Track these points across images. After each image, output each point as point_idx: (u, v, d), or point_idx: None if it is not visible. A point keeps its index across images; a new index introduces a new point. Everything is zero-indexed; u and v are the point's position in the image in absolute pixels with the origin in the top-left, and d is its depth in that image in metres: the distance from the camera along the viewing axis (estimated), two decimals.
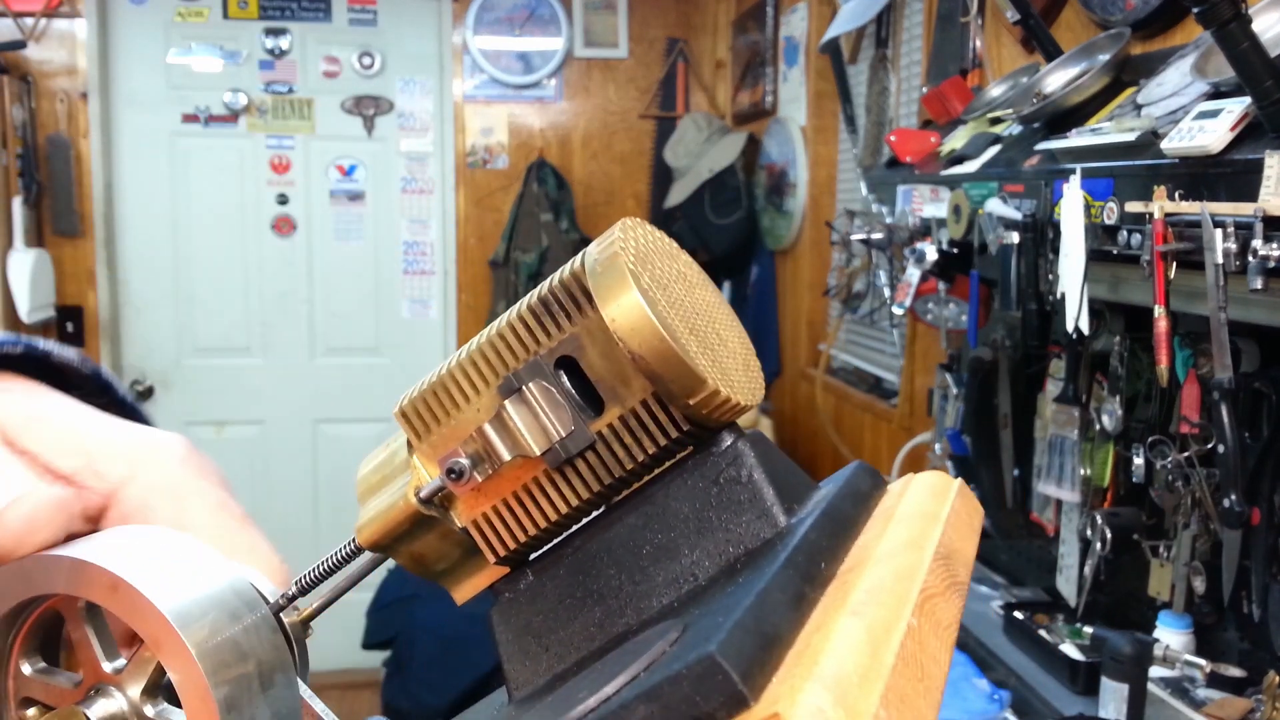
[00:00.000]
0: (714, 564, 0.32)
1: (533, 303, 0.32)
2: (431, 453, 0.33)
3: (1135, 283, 1.30)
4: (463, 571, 0.35)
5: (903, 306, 1.89)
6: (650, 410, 0.31)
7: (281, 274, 3.95)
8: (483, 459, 0.32)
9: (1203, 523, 1.32)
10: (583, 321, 0.31)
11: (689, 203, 3.62)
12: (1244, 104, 1.08)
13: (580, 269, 0.31)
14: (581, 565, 0.33)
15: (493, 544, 0.33)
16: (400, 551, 0.35)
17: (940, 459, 1.99)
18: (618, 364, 0.31)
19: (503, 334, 0.32)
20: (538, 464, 0.32)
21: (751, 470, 0.32)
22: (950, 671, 1.24)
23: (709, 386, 0.31)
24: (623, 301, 0.30)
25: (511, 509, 0.33)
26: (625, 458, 0.32)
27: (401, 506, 0.33)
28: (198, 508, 0.38)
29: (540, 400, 0.31)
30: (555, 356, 0.31)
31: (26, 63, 3.60)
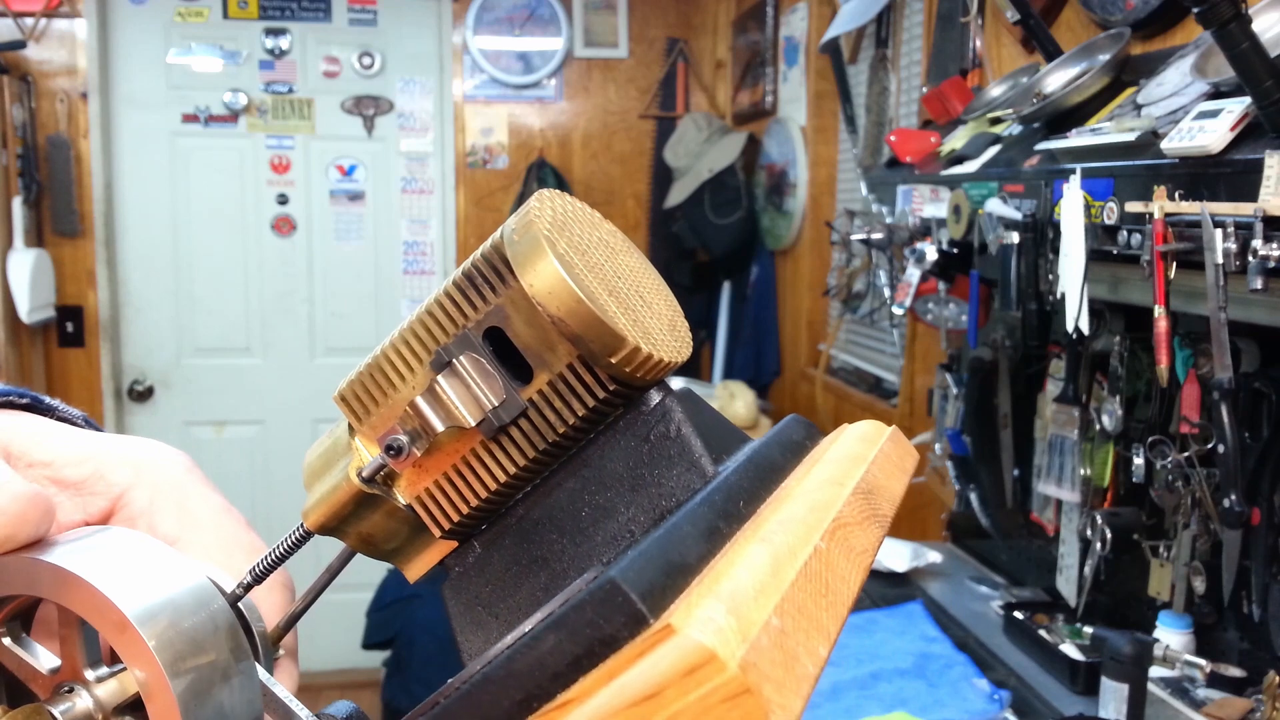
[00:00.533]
0: (648, 518, 0.32)
1: (457, 278, 0.32)
2: (371, 433, 0.34)
3: (1135, 283, 1.30)
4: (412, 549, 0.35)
5: (903, 306, 1.89)
6: (576, 373, 0.32)
7: (281, 274, 3.95)
8: (420, 434, 0.33)
9: (1203, 523, 1.33)
10: (506, 292, 0.32)
11: (689, 203, 3.62)
12: (1244, 104, 1.08)
13: (500, 240, 0.32)
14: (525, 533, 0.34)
15: (437, 518, 0.34)
16: (349, 533, 0.35)
17: (940, 459, 1.99)
18: (542, 330, 0.31)
19: (431, 311, 0.33)
20: (474, 435, 0.32)
21: (680, 425, 0.32)
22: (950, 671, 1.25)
23: (629, 344, 0.31)
24: (540, 268, 0.31)
25: (452, 482, 0.33)
26: (557, 422, 0.32)
27: (345, 487, 0.34)
28: (201, 511, 0.38)
29: (471, 372, 0.32)
30: (483, 329, 0.32)
31: (26, 63, 3.60)
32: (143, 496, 0.38)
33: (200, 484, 0.39)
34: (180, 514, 0.38)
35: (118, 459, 0.38)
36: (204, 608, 0.32)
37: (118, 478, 0.38)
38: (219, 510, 0.39)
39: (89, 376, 3.79)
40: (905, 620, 1.74)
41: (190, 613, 0.32)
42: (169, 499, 0.38)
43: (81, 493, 0.37)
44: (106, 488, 0.38)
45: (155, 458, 0.39)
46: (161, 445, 0.40)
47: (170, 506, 0.38)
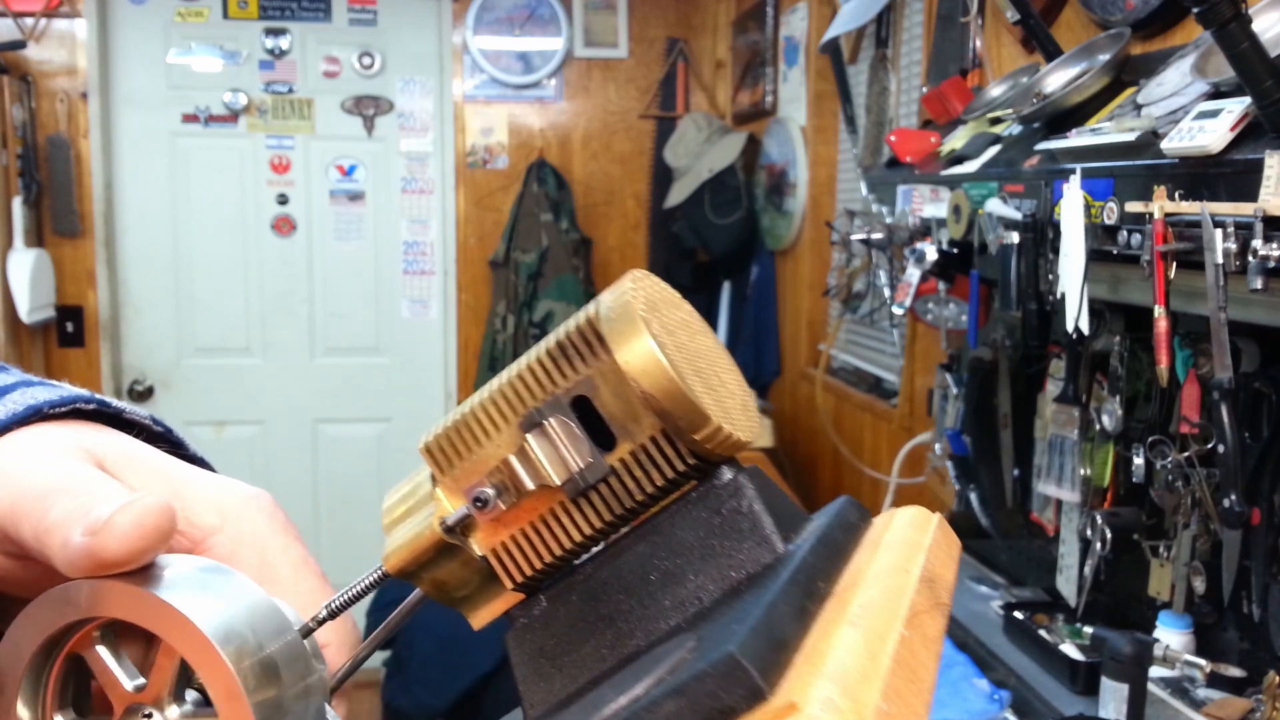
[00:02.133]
0: (717, 587, 0.34)
1: (550, 347, 0.35)
2: (454, 485, 0.36)
3: (1135, 283, 1.30)
4: (480, 598, 0.38)
5: (903, 306, 1.89)
6: (659, 445, 0.34)
7: (281, 274, 3.95)
8: (506, 489, 0.35)
9: (1203, 523, 1.32)
10: (596, 364, 0.34)
11: (689, 203, 3.62)
12: (1244, 104, 1.08)
13: (595, 316, 0.34)
14: (593, 591, 0.36)
15: (511, 571, 0.36)
16: (424, 579, 0.37)
17: (940, 459, 1.99)
18: (629, 403, 0.34)
19: (522, 376, 0.35)
20: (556, 494, 0.35)
21: (752, 501, 0.35)
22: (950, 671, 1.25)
23: (713, 423, 0.34)
24: (635, 345, 0.33)
25: (529, 537, 0.36)
26: (635, 489, 0.35)
27: (428, 535, 0.36)
28: (281, 563, 0.39)
29: (560, 434, 0.34)
30: (571, 395, 0.34)
31: (26, 63, 3.60)
32: (225, 543, 0.38)
33: (281, 533, 0.40)
34: (261, 566, 0.38)
35: (204, 502, 0.38)
36: (280, 636, 0.34)
37: (204, 522, 0.38)
38: (298, 563, 0.39)
39: (89, 376, 3.79)
40: None
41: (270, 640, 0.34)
42: (251, 549, 0.38)
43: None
44: (191, 529, 0.38)
45: (241, 505, 0.39)
46: (245, 486, 0.40)
47: (252, 558, 0.38)
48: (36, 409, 0.37)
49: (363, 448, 4.05)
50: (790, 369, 3.38)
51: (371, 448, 4.05)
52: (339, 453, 4.04)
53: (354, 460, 4.05)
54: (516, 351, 3.82)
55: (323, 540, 4.02)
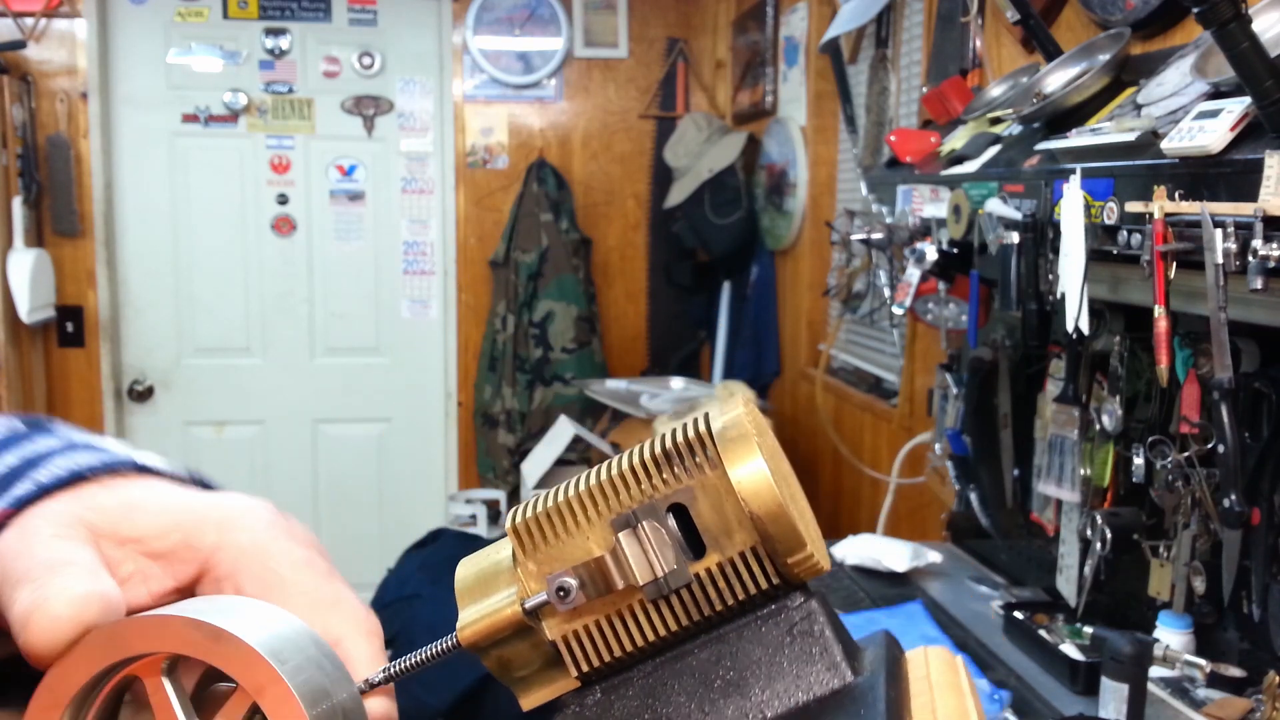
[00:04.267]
0: (782, 705, 0.36)
1: (655, 452, 0.36)
2: (537, 569, 0.37)
3: (1135, 283, 1.30)
4: (538, 681, 0.38)
5: (903, 306, 1.89)
6: (747, 561, 0.36)
7: (281, 274, 3.95)
8: (588, 583, 0.36)
9: (1203, 523, 1.32)
10: (700, 476, 0.35)
11: (689, 203, 3.62)
12: (1244, 104, 1.08)
13: (706, 431, 0.36)
14: (652, 689, 0.37)
15: (578, 659, 0.37)
16: (491, 654, 0.38)
17: (940, 459, 1.99)
18: (725, 517, 0.35)
19: (624, 475, 0.36)
20: (636, 594, 0.36)
21: (824, 628, 0.36)
22: None
23: (807, 549, 0.35)
24: (749, 465, 0.35)
25: (602, 631, 0.37)
26: (716, 599, 0.36)
27: (509, 614, 0.37)
28: (284, 565, 0.40)
29: (651, 538, 0.36)
30: (669, 502, 0.36)
31: (26, 63, 3.60)
32: (227, 559, 0.40)
33: (283, 538, 0.41)
34: (264, 574, 0.40)
35: (202, 523, 0.40)
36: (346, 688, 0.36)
37: (203, 543, 0.40)
38: (300, 565, 0.40)
39: (89, 376, 3.79)
40: (905, 620, 1.74)
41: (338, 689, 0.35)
42: (252, 560, 0.40)
43: (171, 562, 0.39)
44: (193, 555, 0.40)
45: (238, 517, 0.41)
46: (245, 501, 0.42)
47: (254, 567, 0.40)
48: (43, 488, 0.39)
49: (363, 448, 4.05)
50: (790, 369, 3.38)
51: (371, 448, 4.05)
52: (339, 453, 4.04)
53: (354, 460, 4.05)
54: (516, 351, 3.82)
55: (322, 541, 4.01)
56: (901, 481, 2.40)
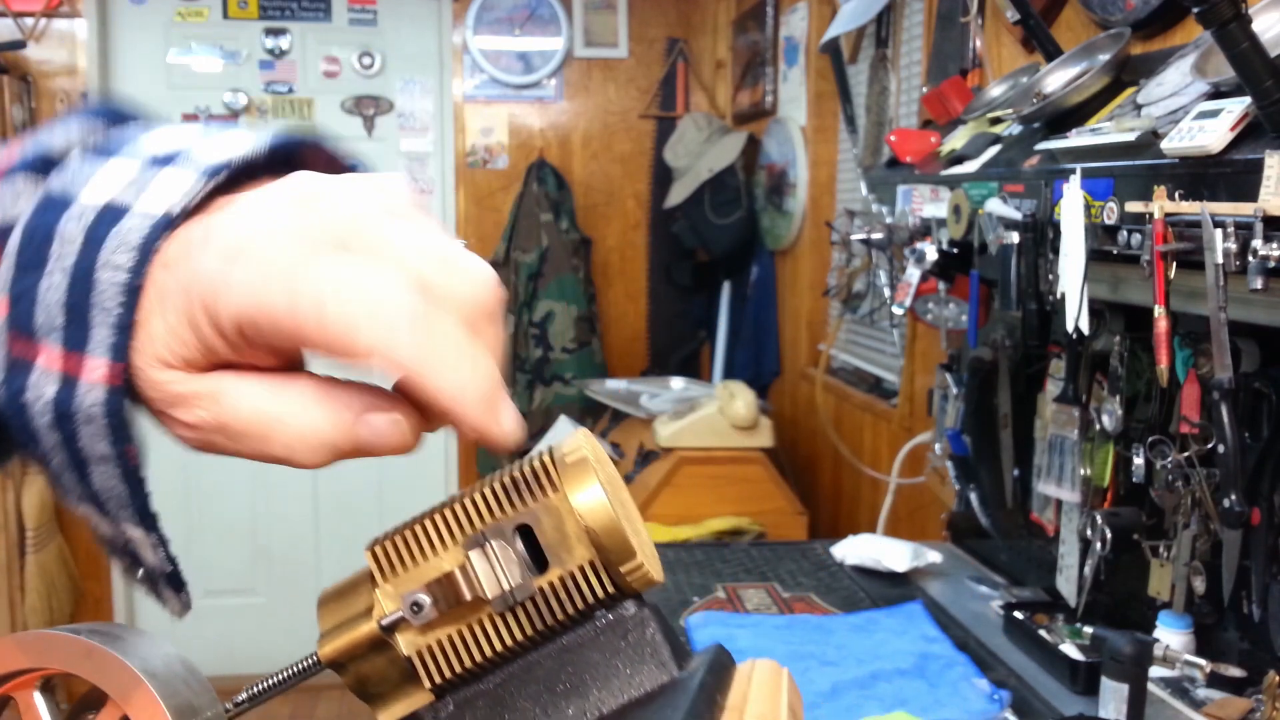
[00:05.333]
0: (615, 700, 0.40)
1: (505, 480, 0.40)
2: (394, 590, 0.40)
3: (1135, 282, 1.30)
4: (394, 696, 0.42)
5: (903, 306, 1.89)
6: (585, 574, 0.40)
7: None
8: (440, 599, 0.40)
9: (1203, 523, 1.32)
10: (544, 500, 0.39)
11: (689, 203, 3.62)
12: (1244, 104, 1.08)
13: (550, 461, 0.40)
14: (500, 698, 0.41)
15: (431, 672, 0.40)
16: (349, 670, 0.41)
17: (940, 459, 1.99)
18: (565, 535, 0.39)
19: (475, 502, 0.40)
20: (485, 607, 0.40)
21: (654, 632, 0.41)
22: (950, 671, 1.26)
23: (638, 560, 0.39)
24: (587, 488, 0.39)
25: (454, 643, 0.40)
26: (558, 610, 0.40)
27: (365, 631, 0.40)
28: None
29: (499, 556, 0.39)
30: (515, 524, 0.40)
31: (26, 63, 3.60)
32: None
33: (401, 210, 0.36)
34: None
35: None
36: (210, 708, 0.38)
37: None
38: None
39: None
40: (905, 620, 1.74)
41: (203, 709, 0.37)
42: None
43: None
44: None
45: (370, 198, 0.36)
46: (371, 181, 0.37)
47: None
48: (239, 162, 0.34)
49: None
50: (790, 369, 3.38)
51: None
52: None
53: (354, 463, 4.03)
54: (516, 351, 3.82)
55: (321, 544, 4.02)
56: (901, 481, 2.40)
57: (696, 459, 2.81)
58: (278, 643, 3.71)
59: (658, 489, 2.77)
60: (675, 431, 2.87)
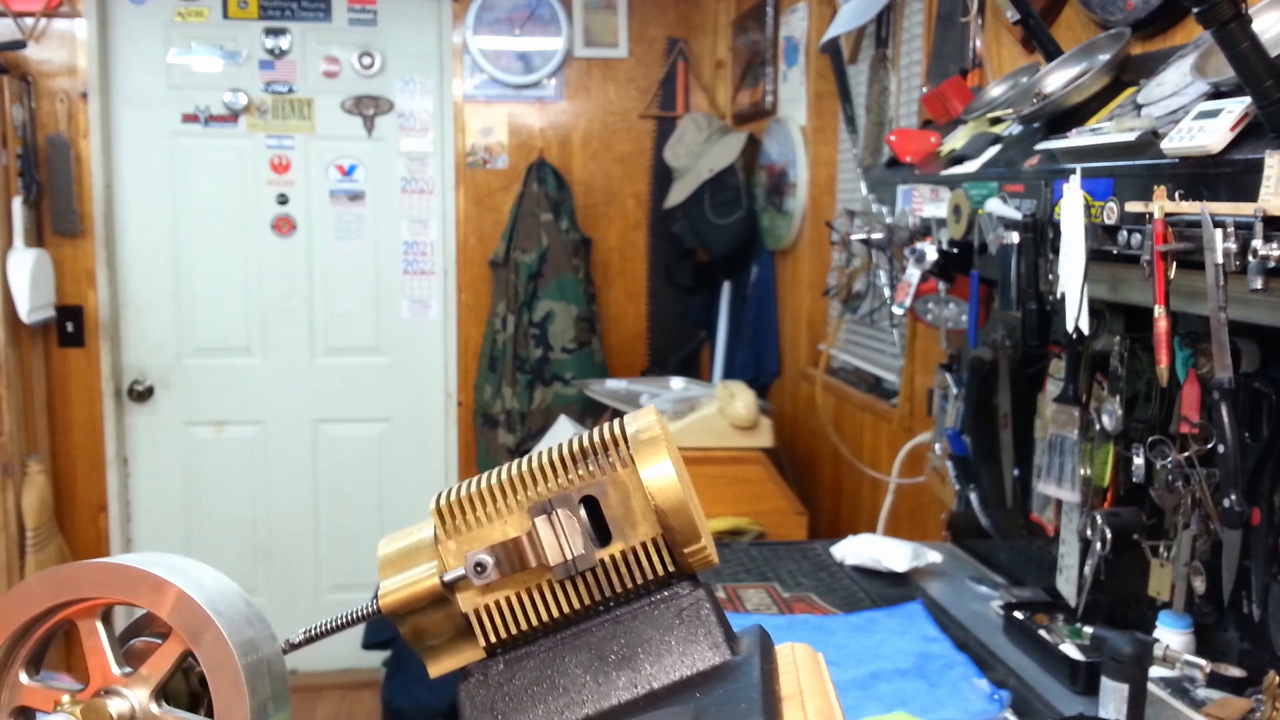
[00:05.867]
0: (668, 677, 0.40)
1: (574, 449, 0.41)
2: (457, 547, 0.41)
3: (1135, 283, 1.30)
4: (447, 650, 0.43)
5: (903, 306, 1.88)
6: (648, 550, 0.40)
7: (281, 274, 3.95)
8: (503, 560, 0.40)
9: (1203, 523, 1.32)
10: (612, 473, 0.40)
11: (689, 203, 3.62)
12: (1244, 104, 1.08)
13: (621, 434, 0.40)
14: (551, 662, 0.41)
15: (487, 631, 0.42)
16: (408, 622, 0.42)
17: (940, 459, 1.99)
18: (631, 510, 0.40)
19: (543, 468, 0.41)
20: (545, 574, 0.40)
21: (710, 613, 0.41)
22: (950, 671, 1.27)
23: (703, 542, 0.40)
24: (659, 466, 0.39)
25: (512, 606, 0.41)
26: (618, 582, 0.41)
27: (428, 585, 0.41)
28: None
29: (563, 524, 0.40)
30: (582, 494, 0.40)
31: (26, 62, 3.60)
32: None
33: None
34: None
35: None
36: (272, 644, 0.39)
37: None
38: None
39: (89, 376, 3.79)
40: (905, 620, 1.74)
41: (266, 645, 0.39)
42: None
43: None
44: None
45: None
46: None
47: None
48: None
49: (363, 448, 4.05)
50: (790, 369, 3.38)
51: (371, 448, 4.05)
52: (339, 453, 4.04)
53: (354, 460, 4.04)
54: (516, 351, 3.82)
55: (322, 541, 4.02)
56: (901, 481, 2.40)
57: (696, 459, 2.81)
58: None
59: None
60: (675, 431, 2.87)
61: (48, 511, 3.64)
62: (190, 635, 0.37)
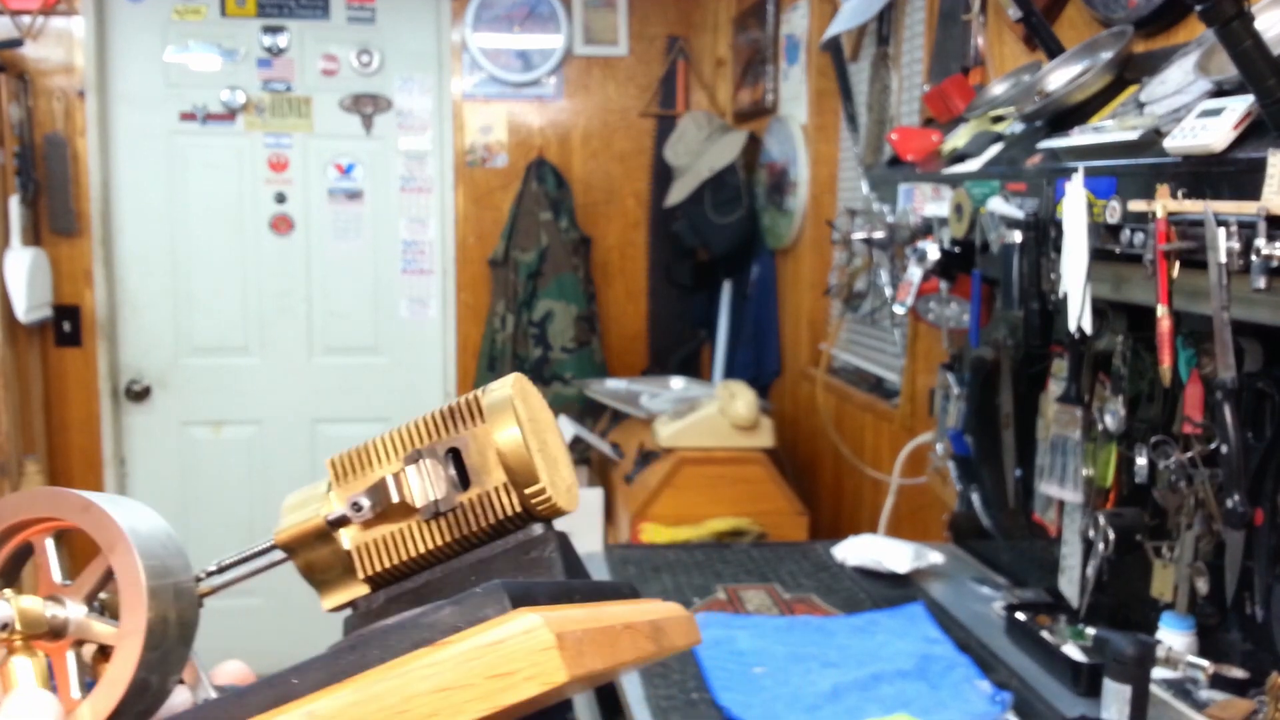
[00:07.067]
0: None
1: (444, 410, 0.48)
2: (343, 494, 0.48)
3: (1138, 282, 1.29)
4: (337, 584, 0.49)
5: (904, 306, 1.88)
6: (499, 495, 0.47)
7: (279, 273, 3.94)
8: (377, 501, 0.47)
9: (1206, 523, 1.32)
10: (473, 430, 0.47)
11: (689, 201, 3.61)
12: (1247, 102, 1.07)
13: (480, 395, 0.48)
14: (421, 595, 0.47)
15: (365, 565, 0.48)
16: (300, 555, 0.49)
17: (942, 459, 1.98)
18: (487, 461, 0.47)
19: (418, 425, 0.48)
20: (415, 513, 0.47)
21: (552, 551, 0.47)
22: (952, 673, 1.26)
23: (542, 485, 0.47)
24: (505, 422, 0.47)
25: (387, 543, 0.47)
26: (474, 522, 0.47)
27: (314, 522, 0.48)
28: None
29: (430, 471, 0.47)
30: (447, 446, 0.47)
31: (23, 61, 3.59)
32: None
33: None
34: None
35: None
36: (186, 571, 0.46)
37: None
38: None
39: (86, 376, 3.78)
40: (907, 621, 1.73)
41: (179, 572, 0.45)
42: None
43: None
44: None
45: None
46: None
47: None
48: None
49: None
50: (791, 369, 3.37)
51: None
52: (337, 453, 4.02)
53: None
54: (515, 351, 3.81)
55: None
56: (903, 482, 2.39)
57: (697, 459, 2.81)
58: (277, 643, 3.70)
59: (658, 489, 2.77)
60: (675, 431, 2.86)
61: None
62: (107, 546, 0.43)
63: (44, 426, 3.72)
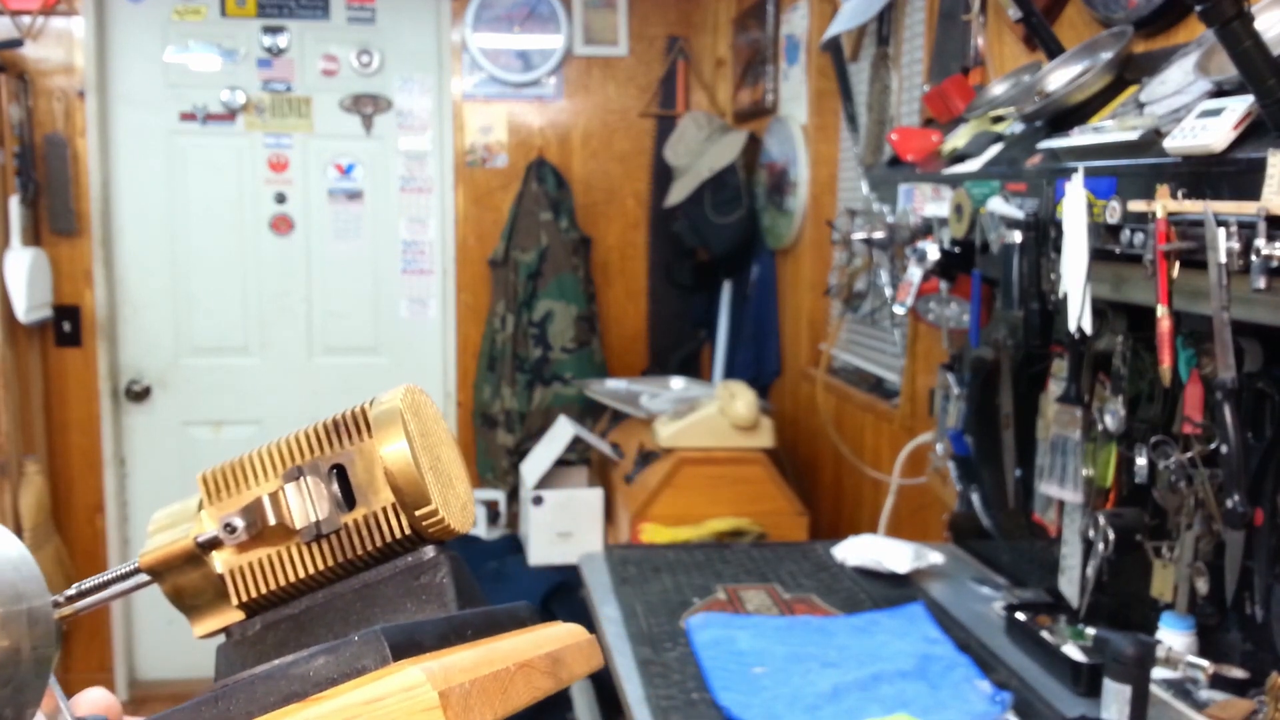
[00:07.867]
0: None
1: (327, 422, 0.44)
2: (216, 513, 0.44)
3: (1138, 282, 1.29)
4: (208, 610, 0.45)
5: (904, 306, 1.88)
6: (388, 515, 0.43)
7: (279, 273, 3.94)
8: (253, 522, 0.43)
9: (1206, 523, 1.32)
10: (359, 445, 0.43)
11: (689, 202, 3.61)
12: (1247, 102, 1.07)
13: (367, 408, 0.43)
14: (301, 623, 0.44)
15: (240, 591, 0.44)
16: (167, 580, 0.44)
17: (942, 459, 1.98)
18: (374, 479, 0.43)
19: (299, 438, 0.44)
20: (294, 535, 0.43)
21: (444, 576, 0.44)
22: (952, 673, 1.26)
23: (433, 507, 0.43)
24: (392, 437, 0.43)
25: (264, 567, 0.43)
26: (360, 545, 0.43)
27: (182, 544, 0.44)
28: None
29: (311, 489, 0.43)
30: (331, 463, 0.43)
31: (23, 61, 3.59)
32: None
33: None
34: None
35: None
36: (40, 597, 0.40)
37: None
38: None
39: (86, 376, 3.78)
40: (907, 621, 1.73)
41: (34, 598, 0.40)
42: None
43: None
44: None
45: None
46: None
47: None
48: None
49: None
50: (791, 369, 3.37)
51: None
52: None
53: None
54: (515, 351, 3.81)
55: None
56: (903, 482, 2.39)
57: (697, 459, 2.81)
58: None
59: (658, 489, 2.77)
60: (675, 432, 2.86)
61: (44, 512, 3.63)
62: None
63: (44, 427, 3.72)
